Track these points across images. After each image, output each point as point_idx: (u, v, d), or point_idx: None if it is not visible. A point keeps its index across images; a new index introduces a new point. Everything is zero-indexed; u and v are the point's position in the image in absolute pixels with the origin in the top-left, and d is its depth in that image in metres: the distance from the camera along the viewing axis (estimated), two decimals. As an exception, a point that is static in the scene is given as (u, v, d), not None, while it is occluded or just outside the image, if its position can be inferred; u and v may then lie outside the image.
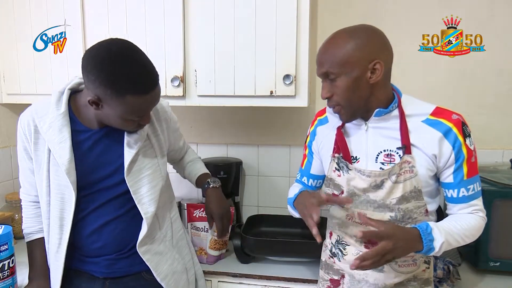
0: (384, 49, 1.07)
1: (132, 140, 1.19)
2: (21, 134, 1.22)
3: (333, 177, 1.18)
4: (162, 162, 1.28)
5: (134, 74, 1.05)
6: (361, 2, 1.79)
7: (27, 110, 1.22)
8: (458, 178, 1.08)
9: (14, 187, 1.94)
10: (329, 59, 1.05)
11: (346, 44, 1.04)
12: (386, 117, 1.10)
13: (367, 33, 1.07)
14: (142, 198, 1.21)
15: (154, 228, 1.26)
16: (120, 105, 1.07)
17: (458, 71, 1.74)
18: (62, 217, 1.20)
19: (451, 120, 1.07)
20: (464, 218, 1.09)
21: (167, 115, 1.32)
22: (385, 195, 1.09)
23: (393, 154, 1.10)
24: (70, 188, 1.17)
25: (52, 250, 1.24)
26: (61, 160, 1.15)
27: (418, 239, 1.01)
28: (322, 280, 1.28)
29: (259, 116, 1.94)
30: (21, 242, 1.69)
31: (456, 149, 1.06)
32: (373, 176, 1.10)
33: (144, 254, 1.23)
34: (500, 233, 1.41)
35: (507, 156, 1.70)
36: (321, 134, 1.24)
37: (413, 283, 1.17)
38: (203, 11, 1.58)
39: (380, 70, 1.04)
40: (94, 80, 1.05)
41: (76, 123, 1.19)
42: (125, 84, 1.04)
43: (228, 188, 1.83)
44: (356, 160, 1.14)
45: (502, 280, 1.42)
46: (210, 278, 1.51)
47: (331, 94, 1.09)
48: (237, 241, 1.56)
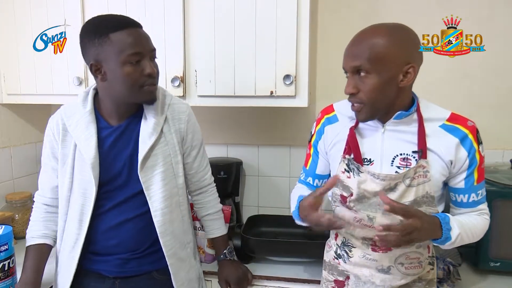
0: (419, 53, 1.05)
1: (147, 135, 1.23)
2: (50, 133, 1.28)
3: (342, 178, 1.13)
4: (175, 161, 1.28)
5: (111, 16, 1.19)
6: (361, 2, 1.78)
7: (57, 112, 1.30)
8: (469, 184, 1.09)
9: (14, 187, 1.93)
10: (364, 52, 0.99)
11: (385, 39, 0.98)
12: (405, 121, 1.08)
13: (408, 34, 1.03)
14: (153, 195, 1.23)
15: (179, 232, 1.29)
16: (110, 50, 1.13)
17: (458, 71, 1.74)
18: (82, 212, 1.23)
19: (467, 126, 1.07)
20: (473, 217, 1.10)
21: (184, 116, 1.31)
22: (397, 198, 1.06)
23: (409, 158, 1.07)
24: (92, 183, 1.21)
25: (66, 249, 1.25)
26: (87, 155, 1.20)
27: (439, 227, 1.01)
28: (326, 281, 1.26)
29: (259, 116, 1.94)
30: (21, 242, 1.68)
31: (470, 155, 1.06)
32: (388, 180, 1.07)
33: (169, 258, 1.25)
34: (501, 233, 1.41)
35: (507, 156, 1.70)
36: (331, 133, 1.18)
37: (418, 284, 1.17)
38: (203, 11, 1.58)
39: (412, 74, 1.01)
40: (86, 43, 1.16)
41: (101, 120, 1.26)
42: (104, 25, 1.15)
43: (228, 188, 1.83)
44: (370, 163, 1.11)
45: (503, 280, 1.42)
46: (210, 278, 1.51)
47: (357, 91, 1.03)
48: (237, 241, 1.56)
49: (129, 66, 1.15)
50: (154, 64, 1.21)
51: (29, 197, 1.84)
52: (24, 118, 2.01)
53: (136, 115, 1.26)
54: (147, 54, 1.18)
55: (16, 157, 1.95)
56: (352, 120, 1.15)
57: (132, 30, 1.16)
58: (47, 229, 1.29)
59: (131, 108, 1.26)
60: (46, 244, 1.28)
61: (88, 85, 1.71)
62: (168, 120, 1.28)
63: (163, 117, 1.26)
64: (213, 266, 1.54)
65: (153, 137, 1.23)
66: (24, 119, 2.02)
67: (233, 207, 1.83)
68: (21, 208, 1.80)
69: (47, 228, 1.30)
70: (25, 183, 1.99)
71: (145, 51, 1.17)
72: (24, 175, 2.00)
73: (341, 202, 1.16)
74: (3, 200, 1.84)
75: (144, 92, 1.19)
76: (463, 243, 1.07)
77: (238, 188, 1.91)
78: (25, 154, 2.01)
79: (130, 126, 1.25)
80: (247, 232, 1.61)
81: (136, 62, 1.15)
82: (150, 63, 1.18)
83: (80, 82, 1.70)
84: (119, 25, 1.14)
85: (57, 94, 1.75)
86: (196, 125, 1.36)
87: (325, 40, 1.81)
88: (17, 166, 1.95)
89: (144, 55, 1.17)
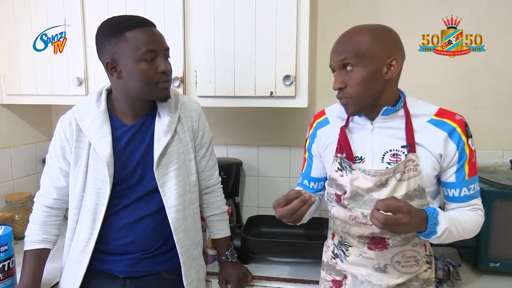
0: (400, 48, 1.09)
1: (162, 133, 1.24)
2: (61, 134, 1.29)
3: (335, 177, 1.17)
4: (188, 159, 1.30)
5: (126, 16, 1.22)
6: (361, 2, 1.79)
7: (68, 112, 1.31)
8: (460, 178, 1.10)
9: (14, 187, 1.94)
10: (348, 48, 1.05)
11: (367, 36, 1.05)
12: (392, 116, 1.11)
13: (387, 30, 1.09)
14: (167, 192, 1.24)
15: (191, 230, 1.30)
16: (125, 47, 1.15)
17: (458, 71, 1.74)
18: (96, 211, 1.23)
19: (455, 120, 1.09)
20: (466, 213, 1.11)
21: (196, 114, 1.34)
22: (389, 193, 1.09)
23: (399, 153, 1.10)
24: (107, 182, 1.22)
25: (77, 249, 1.25)
26: (102, 154, 1.22)
27: (424, 221, 1.02)
28: (324, 281, 1.27)
29: (259, 116, 1.94)
30: (21, 243, 1.68)
31: (459, 148, 1.08)
32: (378, 175, 1.10)
33: (182, 255, 1.26)
34: (500, 233, 1.41)
35: (507, 156, 1.70)
36: (324, 135, 1.23)
37: (415, 283, 1.17)
38: (203, 12, 1.58)
39: (396, 67, 1.06)
40: (102, 42, 1.19)
41: (114, 120, 1.27)
42: (120, 24, 1.17)
43: (228, 188, 1.83)
44: (361, 160, 1.13)
45: (502, 280, 1.42)
46: (210, 279, 1.51)
47: (344, 86, 1.08)
48: (237, 242, 1.56)
49: (144, 63, 1.17)
50: (168, 63, 1.24)
51: (29, 198, 1.84)
52: (24, 119, 2.01)
53: (150, 114, 1.28)
54: (161, 52, 1.20)
55: (16, 158, 1.95)
56: (343, 120, 1.18)
57: (147, 29, 1.18)
58: (46, 233, 1.29)
59: (145, 107, 1.27)
60: (45, 249, 1.28)
61: (88, 86, 1.72)
62: (181, 119, 1.30)
63: (176, 115, 1.29)
64: (213, 266, 1.54)
65: (168, 135, 1.25)
66: (24, 119, 2.02)
67: (233, 208, 1.84)
68: (21, 208, 1.80)
69: (46, 233, 1.29)
70: (25, 183, 1.99)
71: (159, 49, 1.19)
72: (24, 176, 2.00)
73: (336, 202, 1.18)
74: (3, 201, 1.84)
75: (159, 89, 1.21)
76: (454, 239, 1.07)
77: (238, 188, 1.91)
78: (25, 154, 2.01)
79: (144, 125, 1.27)
80: (247, 232, 1.61)
81: (151, 60, 1.18)
82: (164, 61, 1.21)
83: (80, 82, 1.70)
84: (135, 24, 1.17)
85: (57, 94, 1.76)
86: (206, 124, 1.39)
87: (325, 41, 1.81)
88: (17, 166, 1.95)
89: (159, 53, 1.19)
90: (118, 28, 1.17)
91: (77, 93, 1.72)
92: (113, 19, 1.22)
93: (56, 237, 1.31)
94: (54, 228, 1.31)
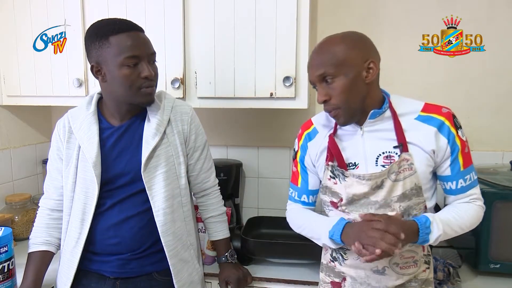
0: (374, 50, 1.10)
1: (150, 135, 1.25)
2: (56, 135, 1.33)
3: (329, 185, 1.17)
4: (178, 162, 1.30)
5: (113, 20, 1.23)
6: (361, 2, 1.78)
7: (64, 115, 1.35)
8: (455, 170, 1.11)
9: (14, 189, 1.94)
10: (325, 60, 1.06)
11: (341, 45, 1.06)
12: (380, 119, 1.11)
13: (358, 35, 1.10)
14: (155, 195, 1.24)
15: (181, 233, 1.29)
16: (109, 52, 1.16)
17: (458, 71, 1.74)
18: (84, 211, 1.24)
19: (442, 113, 1.09)
20: (462, 208, 1.11)
21: (187, 117, 1.33)
22: (386, 194, 1.09)
23: (392, 155, 1.10)
24: (94, 182, 1.23)
25: (68, 249, 1.26)
26: (89, 155, 1.23)
27: (416, 233, 1.02)
28: (323, 283, 1.27)
29: (259, 118, 1.94)
30: (21, 244, 1.69)
31: (450, 141, 1.09)
32: (373, 179, 1.10)
33: (171, 258, 1.25)
34: (501, 235, 1.41)
35: (507, 157, 1.69)
36: (314, 147, 1.22)
37: (414, 284, 1.17)
38: (203, 13, 1.58)
39: (374, 69, 1.07)
40: (89, 45, 1.20)
41: (103, 121, 1.29)
42: (105, 28, 1.18)
43: (228, 190, 1.83)
44: (355, 166, 1.13)
45: (503, 282, 1.41)
46: (210, 280, 1.51)
47: (329, 97, 1.08)
48: (237, 243, 1.56)
49: (127, 68, 1.17)
50: (153, 67, 1.23)
51: (29, 199, 1.84)
52: (24, 120, 2.01)
53: (139, 116, 1.28)
54: (145, 57, 1.20)
55: (16, 159, 1.95)
56: (331, 129, 1.18)
57: (132, 34, 1.18)
58: (50, 236, 1.31)
59: (132, 109, 1.27)
60: (48, 251, 1.29)
61: (88, 86, 1.72)
62: (171, 122, 1.30)
63: (166, 118, 1.28)
64: (212, 268, 1.54)
65: (156, 138, 1.24)
66: (24, 121, 2.02)
67: (233, 209, 1.84)
68: (20, 209, 1.80)
69: (50, 235, 1.31)
70: (25, 184, 1.99)
71: (142, 54, 1.19)
72: (24, 177, 2.00)
73: (333, 207, 1.18)
74: (3, 202, 1.84)
75: (141, 94, 1.22)
76: (453, 237, 1.09)
77: (238, 189, 1.90)
78: (25, 155, 2.01)
79: (132, 126, 1.27)
80: (247, 233, 1.61)
81: (134, 65, 1.18)
82: (148, 66, 1.20)
83: (80, 83, 1.70)
84: (119, 29, 1.17)
85: (57, 96, 1.76)
86: (199, 127, 1.38)
87: (325, 41, 1.80)
88: (16, 167, 1.95)
89: (142, 58, 1.19)
90: (103, 32, 1.18)
91: (77, 94, 1.72)
92: (100, 22, 1.22)
93: (59, 240, 1.32)
94: (57, 231, 1.32)
